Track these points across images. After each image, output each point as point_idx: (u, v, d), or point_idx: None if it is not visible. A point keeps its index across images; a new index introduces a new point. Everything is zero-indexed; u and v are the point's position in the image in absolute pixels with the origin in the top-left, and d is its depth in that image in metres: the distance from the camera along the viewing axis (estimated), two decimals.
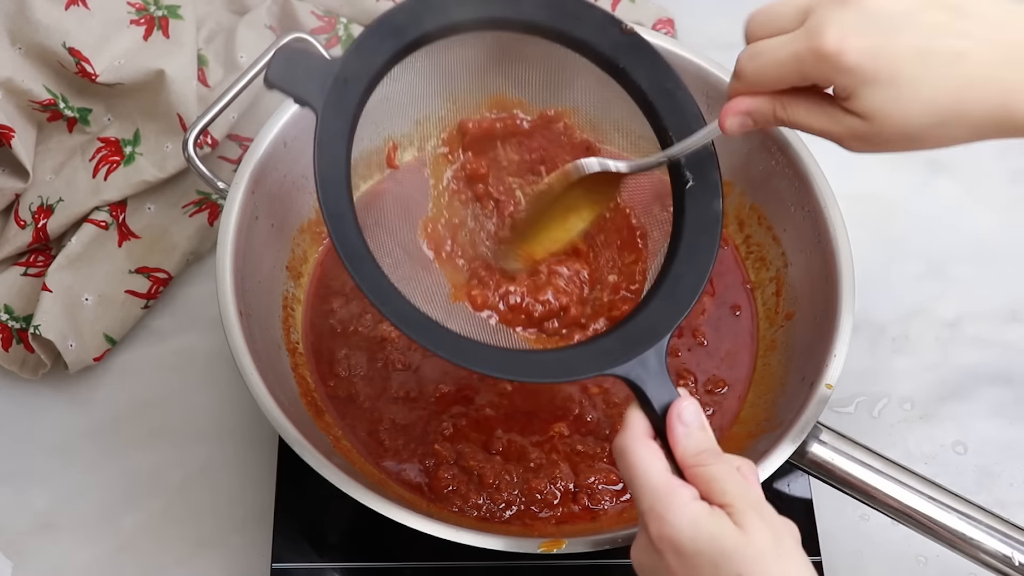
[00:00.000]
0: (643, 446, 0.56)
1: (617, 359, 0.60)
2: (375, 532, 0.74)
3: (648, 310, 0.63)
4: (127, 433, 0.82)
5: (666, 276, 0.64)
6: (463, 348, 0.61)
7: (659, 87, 0.66)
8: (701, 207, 0.64)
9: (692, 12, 1.01)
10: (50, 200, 0.85)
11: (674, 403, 0.57)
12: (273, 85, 0.61)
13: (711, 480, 0.54)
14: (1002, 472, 0.83)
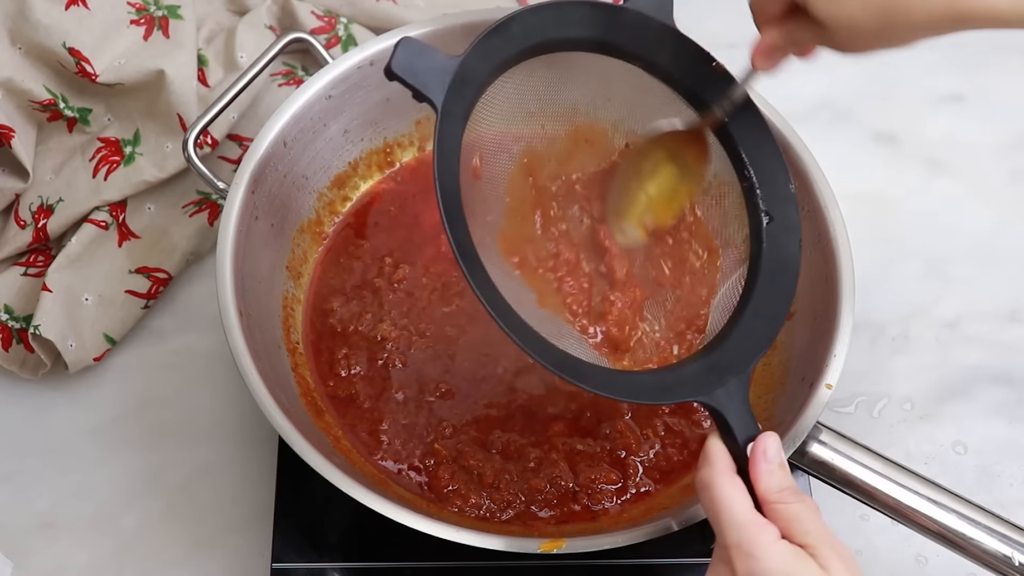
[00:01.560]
0: (729, 481, 0.56)
1: (706, 387, 0.60)
2: (375, 532, 0.74)
3: (729, 342, 0.63)
4: (127, 433, 0.82)
5: (744, 311, 0.65)
6: (571, 364, 0.61)
7: None
8: (780, 246, 0.66)
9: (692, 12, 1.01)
10: (50, 200, 0.85)
11: (759, 438, 0.58)
12: (395, 76, 0.60)
13: (793, 519, 0.55)
14: (1002, 472, 0.83)
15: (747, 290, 0.66)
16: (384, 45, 0.80)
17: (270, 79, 0.91)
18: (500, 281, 0.64)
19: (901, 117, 0.98)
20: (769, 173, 0.67)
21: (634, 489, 0.75)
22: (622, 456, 0.75)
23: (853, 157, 0.95)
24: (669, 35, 0.67)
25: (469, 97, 0.63)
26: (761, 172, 0.67)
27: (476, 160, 0.72)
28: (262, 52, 0.81)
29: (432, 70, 0.61)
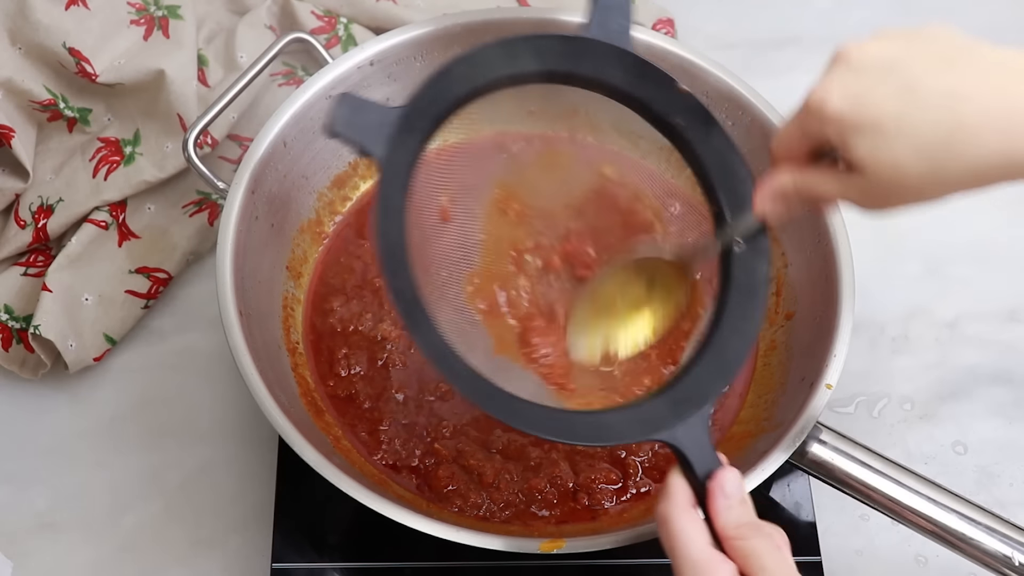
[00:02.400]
0: (686, 517, 0.56)
1: (662, 424, 0.60)
2: (375, 532, 0.74)
3: (692, 375, 0.62)
4: (127, 433, 0.82)
5: (711, 340, 0.63)
6: (514, 408, 0.60)
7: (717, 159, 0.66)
8: (748, 271, 0.64)
9: (692, 12, 1.01)
10: (50, 200, 0.85)
11: (716, 473, 0.57)
12: (336, 134, 0.60)
13: (750, 555, 0.54)
14: (1002, 472, 0.83)
15: (714, 321, 0.64)
16: (384, 45, 0.80)
17: (270, 79, 0.91)
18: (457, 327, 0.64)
19: None
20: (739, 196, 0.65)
21: (634, 489, 0.75)
22: (622, 456, 0.76)
23: None
24: (629, 61, 0.66)
25: (415, 145, 0.62)
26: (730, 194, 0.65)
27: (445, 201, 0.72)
28: (262, 52, 0.81)
29: (372, 124, 0.60)
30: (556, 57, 0.65)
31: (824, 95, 0.54)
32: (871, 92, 0.53)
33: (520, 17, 0.82)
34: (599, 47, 0.66)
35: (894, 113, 0.53)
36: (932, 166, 0.53)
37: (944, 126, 0.52)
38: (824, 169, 0.58)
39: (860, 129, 0.53)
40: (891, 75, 0.53)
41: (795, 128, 0.57)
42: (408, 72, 0.81)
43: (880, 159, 0.53)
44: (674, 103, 0.66)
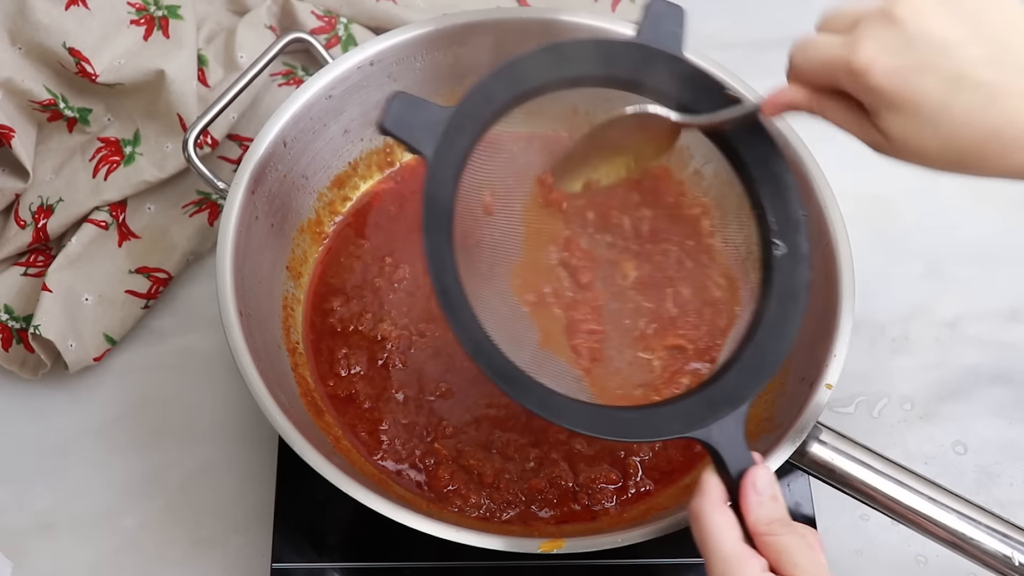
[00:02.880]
0: (718, 512, 0.56)
1: (699, 422, 0.60)
2: (375, 532, 0.74)
3: (730, 374, 0.63)
4: (127, 433, 0.82)
5: (750, 341, 0.64)
6: (552, 403, 0.61)
7: None
8: (789, 275, 0.65)
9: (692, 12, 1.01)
10: (50, 200, 0.85)
11: (749, 470, 0.58)
12: (387, 132, 0.61)
13: (782, 551, 0.55)
14: (1002, 472, 0.83)
15: (754, 321, 0.65)
16: (384, 45, 0.80)
17: (270, 79, 0.91)
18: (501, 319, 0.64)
19: None
20: (781, 200, 0.66)
21: (634, 489, 0.75)
22: (622, 456, 0.76)
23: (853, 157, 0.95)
24: (680, 67, 0.67)
25: (464, 145, 0.63)
26: (773, 200, 0.66)
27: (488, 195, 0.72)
28: (262, 52, 0.81)
29: (424, 123, 0.61)
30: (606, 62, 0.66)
31: (870, 62, 0.53)
32: (919, 73, 0.52)
33: (520, 17, 0.82)
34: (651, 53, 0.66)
35: (937, 102, 0.52)
36: (958, 160, 0.53)
37: (980, 132, 0.52)
38: (845, 105, 0.57)
39: (898, 107, 0.53)
40: (942, 58, 0.52)
41: (823, 68, 0.56)
42: (408, 72, 0.81)
43: (908, 138, 0.54)
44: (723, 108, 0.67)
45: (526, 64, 0.65)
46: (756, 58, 1.00)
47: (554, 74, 0.65)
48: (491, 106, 0.64)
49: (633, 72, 0.67)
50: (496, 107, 0.64)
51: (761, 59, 1.01)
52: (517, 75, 0.65)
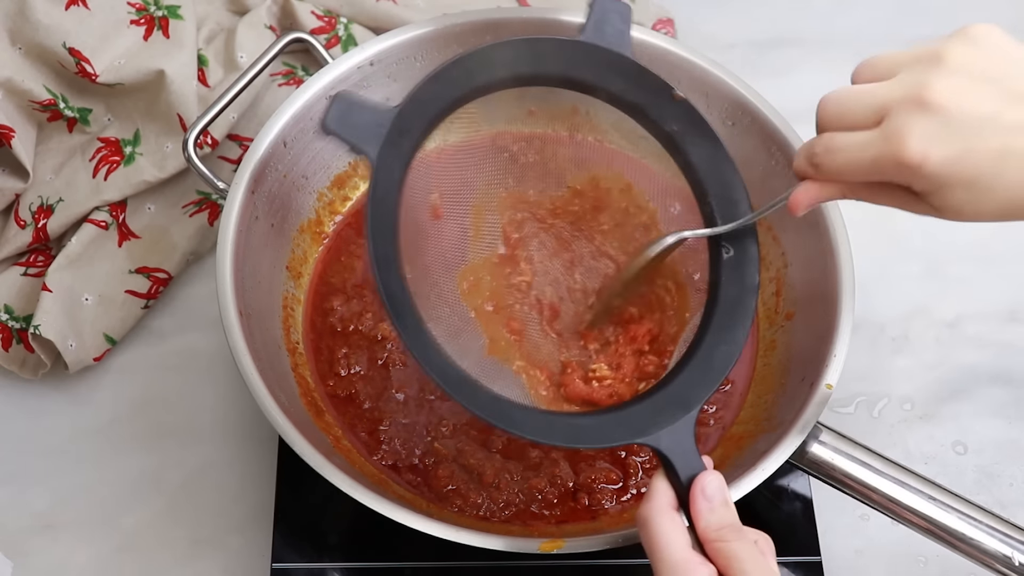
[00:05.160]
0: (667, 518, 0.56)
1: (648, 428, 0.60)
2: (375, 532, 0.74)
3: (680, 379, 0.63)
4: (127, 433, 0.82)
5: (699, 345, 0.64)
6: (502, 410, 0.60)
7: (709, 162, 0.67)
8: (738, 278, 0.65)
9: (692, 12, 1.01)
10: (50, 200, 0.85)
11: (699, 476, 0.57)
12: (330, 132, 0.61)
13: (731, 558, 0.54)
14: (1002, 472, 0.83)
15: (703, 325, 0.65)
16: (384, 45, 0.80)
17: (270, 79, 0.91)
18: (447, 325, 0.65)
19: None
20: (730, 203, 0.66)
21: (634, 489, 0.75)
22: (622, 456, 0.76)
23: None
24: (627, 67, 0.67)
25: (409, 146, 0.63)
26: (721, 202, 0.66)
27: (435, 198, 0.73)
28: (262, 52, 0.81)
29: (367, 124, 0.61)
30: (552, 61, 0.66)
31: (923, 155, 0.53)
32: (969, 153, 0.53)
33: (520, 17, 0.82)
34: (596, 51, 0.66)
35: (989, 174, 0.53)
36: (1014, 213, 0.55)
37: None
38: (888, 190, 0.58)
39: (953, 186, 0.54)
40: (988, 133, 0.53)
41: (870, 166, 0.56)
42: (408, 72, 0.81)
43: (965, 208, 0.55)
44: (670, 110, 0.67)
45: (470, 63, 0.64)
46: (756, 58, 1.01)
47: (498, 73, 0.65)
48: (436, 105, 0.63)
49: (579, 72, 0.66)
50: (441, 106, 0.64)
51: (761, 59, 1.01)
52: (461, 74, 0.64)
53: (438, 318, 0.69)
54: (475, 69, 0.64)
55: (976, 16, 1.04)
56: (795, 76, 1.00)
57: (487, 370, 0.69)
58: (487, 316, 0.75)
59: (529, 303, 0.77)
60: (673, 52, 0.81)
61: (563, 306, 0.77)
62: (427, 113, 0.63)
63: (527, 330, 0.75)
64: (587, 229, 0.78)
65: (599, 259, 0.77)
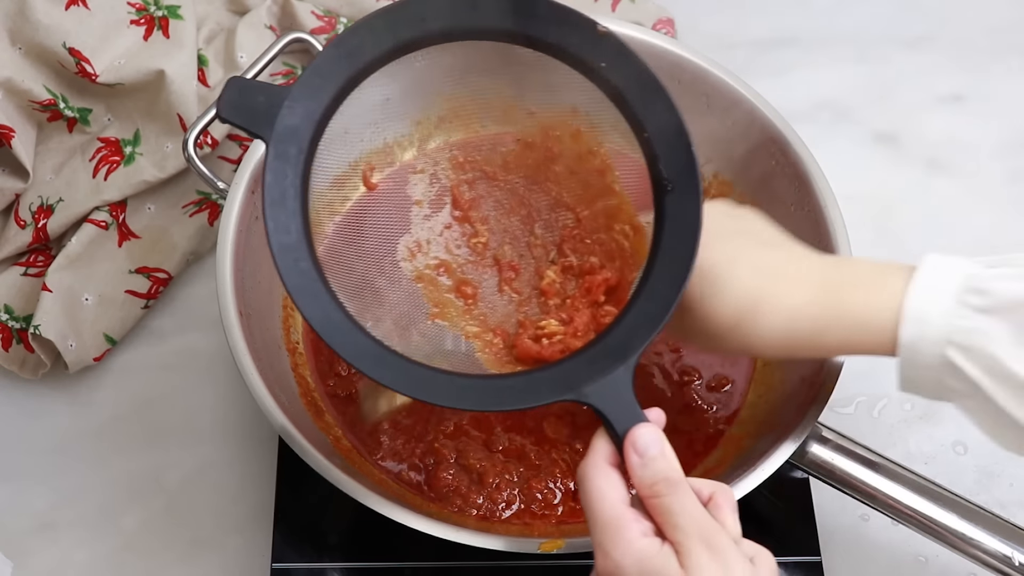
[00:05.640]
0: (601, 474, 0.54)
1: (580, 383, 0.57)
2: (375, 532, 0.74)
3: (619, 329, 0.59)
4: (127, 433, 0.82)
5: (641, 291, 0.60)
6: (413, 376, 0.57)
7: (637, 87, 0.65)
8: (680, 216, 0.61)
9: (692, 12, 1.01)
10: (50, 200, 0.85)
11: (631, 429, 0.54)
12: (225, 119, 0.60)
13: (664, 512, 0.52)
14: (1002, 472, 0.83)
15: (646, 269, 0.61)
16: None
17: (270, 79, 0.91)
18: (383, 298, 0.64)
19: (901, 117, 0.98)
20: (668, 136, 0.62)
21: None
22: None
23: (853, 157, 0.95)
24: (540, 7, 0.64)
25: (313, 122, 0.61)
26: (659, 135, 0.62)
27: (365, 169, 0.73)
28: (262, 52, 0.81)
29: (261, 107, 0.60)
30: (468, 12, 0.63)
31: None
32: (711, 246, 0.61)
33: None
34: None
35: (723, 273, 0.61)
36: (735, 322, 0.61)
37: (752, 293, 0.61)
38: None
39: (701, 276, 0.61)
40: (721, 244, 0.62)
41: None
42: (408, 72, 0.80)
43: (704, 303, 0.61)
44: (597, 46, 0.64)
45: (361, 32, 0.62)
46: (756, 58, 1.01)
47: (394, 40, 0.62)
48: (333, 82, 0.61)
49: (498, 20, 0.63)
50: (338, 83, 0.62)
51: (761, 59, 1.01)
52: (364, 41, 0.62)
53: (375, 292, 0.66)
54: (370, 37, 0.62)
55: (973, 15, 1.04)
56: (795, 76, 1.00)
57: (430, 338, 0.67)
58: (436, 284, 0.72)
59: (486, 264, 0.73)
60: (673, 52, 0.81)
61: (523, 263, 0.74)
62: (326, 89, 0.61)
63: (482, 293, 0.72)
64: (542, 180, 0.74)
65: (557, 210, 0.74)
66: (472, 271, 0.74)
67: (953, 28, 1.03)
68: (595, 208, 0.72)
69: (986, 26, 1.03)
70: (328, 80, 0.62)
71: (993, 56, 1.01)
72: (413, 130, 0.84)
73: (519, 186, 0.75)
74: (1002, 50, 1.01)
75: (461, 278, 0.73)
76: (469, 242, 0.74)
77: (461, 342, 0.69)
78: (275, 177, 0.60)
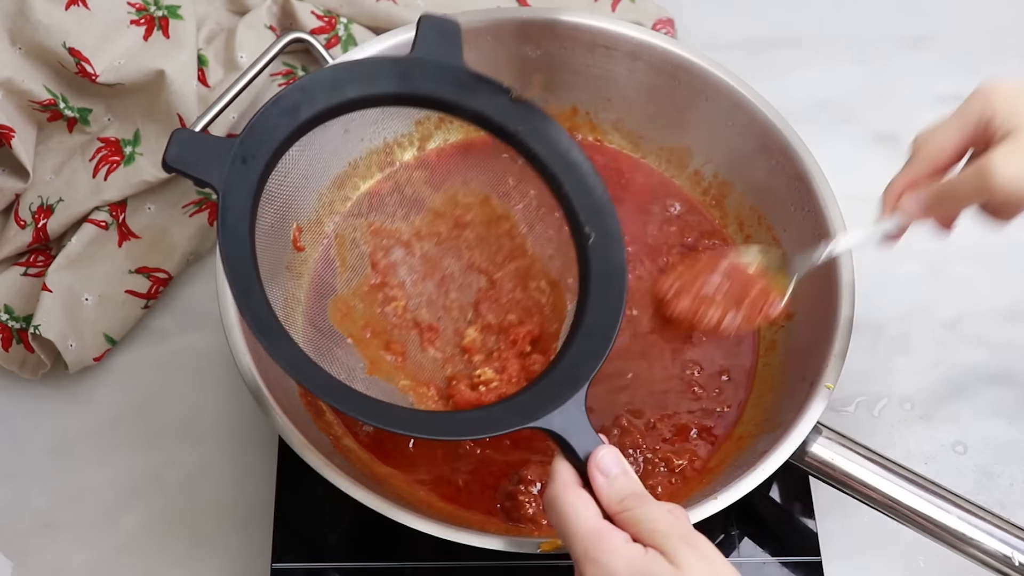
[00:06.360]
0: (572, 494, 0.56)
1: (537, 411, 0.60)
2: (375, 532, 0.74)
3: (565, 361, 0.64)
4: (127, 433, 0.82)
5: (579, 326, 0.65)
6: (387, 412, 0.61)
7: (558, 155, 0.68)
8: (606, 259, 0.66)
9: (692, 12, 1.01)
10: (50, 200, 0.85)
11: (592, 453, 0.58)
12: (172, 168, 0.62)
13: (639, 522, 0.54)
14: (1002, 472, 0.83)
15: (579, 309, 0.66)
16: (384, 45, 0.80)
17: (270, 79, 0.91)
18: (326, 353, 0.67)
19: (901, 117, 0.98)
20: (584, 188, 0.67)
21: None
22: None
23: (853, 157, 0.95)
24: (461, 75, 0.68)
25: (258, 172, 0.63)
26: (577, 189, 0.67)
27: (295, 231, 0.75)
28: (262, 52, 0.81)
29: (209, 156, 0.62)
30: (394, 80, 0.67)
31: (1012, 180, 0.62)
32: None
33: (520, 17, 0.82)
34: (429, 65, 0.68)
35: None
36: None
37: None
38: None
39: None
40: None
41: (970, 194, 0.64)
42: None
43: None
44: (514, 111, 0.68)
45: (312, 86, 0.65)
46: (756, 58, 1.01)
47: (336, 97, 0.66)
48: (280, 132, 0.64)
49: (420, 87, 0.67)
50: (285, 133, 0.64)
51: (761, 59, 1.01)
52: (302, 99, 0.65)
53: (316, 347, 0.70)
54: (312, 94, 0.65)
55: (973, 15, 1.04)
56: (795, 76, 1.00)
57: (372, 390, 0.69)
58: (365, 342, 0.75)
59: (406, 325, 0.76)
60: (673, 52, 0.81)
61: (441, 324, 0.77)
62: (270, 140, 0.64)
63: (408, 351, 0.76)
64: (454, 247, 0.78)
65: (470, 273, 0.78)
66: (397, 333, 0.76)
67: (953, 28, 1.03)
68: (508, 269, 0.76)
69: (986, 26, 1.03)
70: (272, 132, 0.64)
71: (993, 56, 1.01)
72: (413, 129, 0.84)
73: (432, 252, 0.78)
74: (1002, 50, 1.01)
75: (387, 338, 0.75)
76: (388, 306, 0.77)
77: (397, 394, 0.72)
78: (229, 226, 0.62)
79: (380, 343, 0.75)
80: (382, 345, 0.75)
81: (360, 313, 0.75)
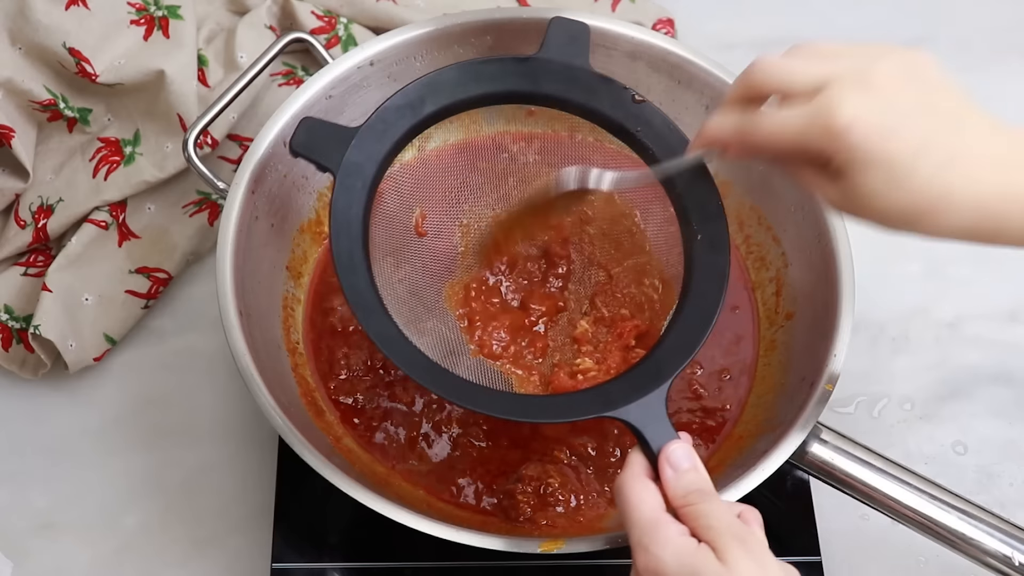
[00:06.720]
0: (639, 484, 0.58)
1: (619, 402, 0.62)
2: (375, 532, 0.74)
3: (655, 356, 0.65)
4: (127, 433, 0.82)
5: (674, 324, 0.66)
6: (470, 392, 0.64)
7: None
8: (709, 260, 0.67)
9: (692, 12, 1.01)
10: (50, 200, 0.85)
11: (665, 445, 0.59)
12: (297, 153, 0.66)
13: (698, 516, 0.55)
14: (1002, 472, 0.83)
15: (678, 307, 0.67)
16: (384, 45, 0.80)
17: (270, 79, 0.91)
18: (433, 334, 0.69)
19: None
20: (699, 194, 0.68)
21: None
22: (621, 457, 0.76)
23: None
24: (586, 77, 0.70)
25: (376, 162, 0.67)
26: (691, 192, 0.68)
27: (418, 216, 0.76)
28: (262, 52, 0.81)
29: (331, 143, 0.66)
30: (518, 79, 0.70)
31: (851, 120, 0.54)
32: (895, 134, 0.54)
33: (520, 17, 0.82)
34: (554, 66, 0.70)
35: (908, 162, 0.54)
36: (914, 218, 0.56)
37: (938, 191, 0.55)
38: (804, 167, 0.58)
39: (870, 165, 0.54)
40: (913, 123, 0.55)
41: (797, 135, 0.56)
42: (408, 72, 0.81)
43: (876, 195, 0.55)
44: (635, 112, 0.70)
45: (434, 84, 0.68)
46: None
47: (461, 94, 0.69)
48: (400, 126, 0.68)
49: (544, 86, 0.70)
50: (404, 128, 0.68)
51: None
52: (426, 95, 0.68)
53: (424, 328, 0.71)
54: (434, 91, 0.69)
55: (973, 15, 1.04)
56: None
57: (474, 371, 0.71)
58: (475, 328, 0.76)
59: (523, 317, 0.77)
60: (673, 52, 0.81)
61: (557, 316, 0.78)
62: (391, 133, 0.67)
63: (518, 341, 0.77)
64: (576, 241, 0.79)
65: (590, 268, 0.79)
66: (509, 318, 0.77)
67: (953, 28, 1.03)
68: (625, 265, 0.78)
69: (986, 26, 1.03)
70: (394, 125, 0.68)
71: (993, 56, 1.01)
72: None
73: (554, 245, 0.79)
74: (1002, 50, 1.01)
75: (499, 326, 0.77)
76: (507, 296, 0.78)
77: (500, 376, 0.73)
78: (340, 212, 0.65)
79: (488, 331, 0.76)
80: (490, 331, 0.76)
81: (474, 300, 0.77)
